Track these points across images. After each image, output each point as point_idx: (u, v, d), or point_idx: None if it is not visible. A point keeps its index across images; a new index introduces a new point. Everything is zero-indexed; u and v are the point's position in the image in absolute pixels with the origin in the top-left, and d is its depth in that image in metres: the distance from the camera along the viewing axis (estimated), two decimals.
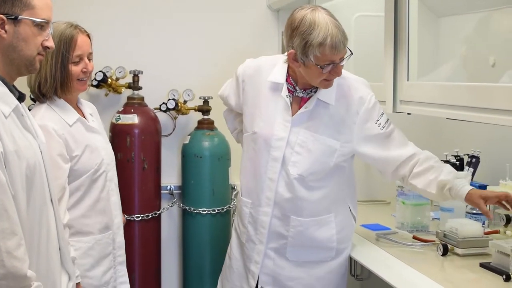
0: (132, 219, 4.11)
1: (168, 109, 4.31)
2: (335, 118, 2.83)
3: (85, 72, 2.87)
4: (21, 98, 2.09)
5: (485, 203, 2.62)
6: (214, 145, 4.24)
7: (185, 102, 4.34)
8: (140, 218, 4.14)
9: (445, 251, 2.76)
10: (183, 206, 4.35)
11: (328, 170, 2.86)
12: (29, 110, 2.25)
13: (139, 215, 4.14)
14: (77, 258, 2.61)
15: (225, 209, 4.28)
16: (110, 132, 4.15)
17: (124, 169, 4.02)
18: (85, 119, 2.93)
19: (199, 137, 4.29)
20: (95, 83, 4.15)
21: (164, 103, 4.29)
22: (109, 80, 4.24)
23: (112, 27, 4.35)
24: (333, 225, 2.91)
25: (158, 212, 4.27)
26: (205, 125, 4.33)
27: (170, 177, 4.49)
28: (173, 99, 4.29)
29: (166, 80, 4.40)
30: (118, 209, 3.03)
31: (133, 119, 4.14)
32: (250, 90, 2.97)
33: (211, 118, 4.33)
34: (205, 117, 4.35)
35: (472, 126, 3.06)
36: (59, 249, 2.21)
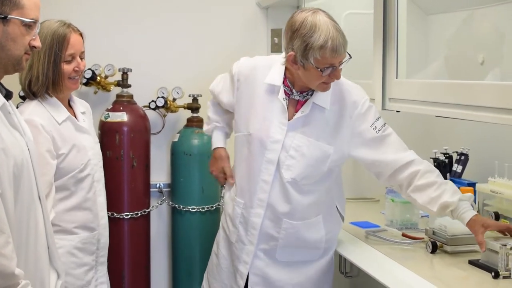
0: (122, 217, 4.10)
1: (157, 107, 4.30)
2: (330, 122, 2.82)
3: (77, 71, 2.88)
4: (8, 96, 2.08)
5: (485, 230, 2.59)
6: (203, 143, 4.23)
7: (174, 100, 4.33)
8: (130, 216, 4.13)
9: (434, 248, 2.77)
10: (172, 204, 4.35)
11: (322, 174, 2.86)
12: (17, 108, 2.24)
13: (128, 213, 4.13)
14: (62, 257, 2.61)
15: (214, 207, 4.28)
16: (99, 130, 4.14)
17: (113, 167, 4.01)
18: (76, 118, 2.93)
19: (188, 135, 4.29)
20: (84, 81, 4.14)
21: (153, 101, 4.28)
22: (98, 78, 4.23)
23: (101, 24, 4.33)
24: (321, 225, 2.92)
25: (148, 210, 4.26)
26: (195, 123, 4.33)
27: (160, 175, 4.48)
28: (162, 97, 4.28)
29: (155, 77, 4.39)
30: (104, 209, 3.02)
31: (122, 117, 4.13)
32: (245, 90, 2.95)
33: (201, 116, 4.32)
34: (194, 115, 4.35)
35: (461, 124, 3.07)
36: (48, 246, 2.20)
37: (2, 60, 2.04)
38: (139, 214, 4.18)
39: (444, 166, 3.33)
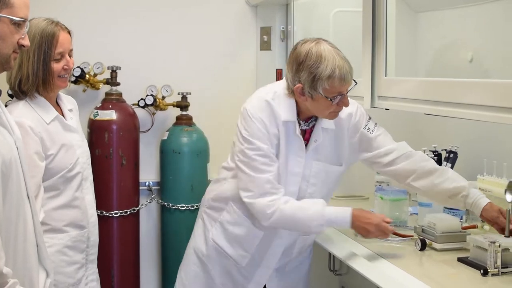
0: (111, 215, 4.09)
1: (146, 105, 4.29)
2: (336, 141, 2.85)
3: (66, 69, 2.87)
4: None
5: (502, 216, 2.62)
6: (192, 141, 4.23)
7: (163, 98, 4.32)
8: (119, 214, 4.13)
9: (423, 246, 2.77)
10: (161, 202, 4.35)
11: (334, 189, 2.97)
12: (6, 106, 2.23)
13: (117, 211, 4.12)
14: (52, 255, 2.60)
15: None
16: (88, 128, 4.13)
17: (102, 165, 4.00)
18: (63, 116, 2.92)
19: (177, 133, 4.28)
20: (73, 79, 4.12)
21: (142, 99, 4.27)
22: (87, 76, 4.21)
23: (90, 22, 4.31)
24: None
25: (137, 208, 4.26)
26: (184, 121, 4.32)
27: (149, 173, 4.47)
28: (151, 95, 4.27)
29: (144, 75, 4.38)
30: (93, 207, 3.02)
31: (111, 115, 4.12)
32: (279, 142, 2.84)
33: (190, 114, 4.32)
34: (184, 113, 4.34)
35: (450, 122, 3.08)
36: (36, 245, 2.19)
37: None
38: (129, 212, 4.17)
39: None
